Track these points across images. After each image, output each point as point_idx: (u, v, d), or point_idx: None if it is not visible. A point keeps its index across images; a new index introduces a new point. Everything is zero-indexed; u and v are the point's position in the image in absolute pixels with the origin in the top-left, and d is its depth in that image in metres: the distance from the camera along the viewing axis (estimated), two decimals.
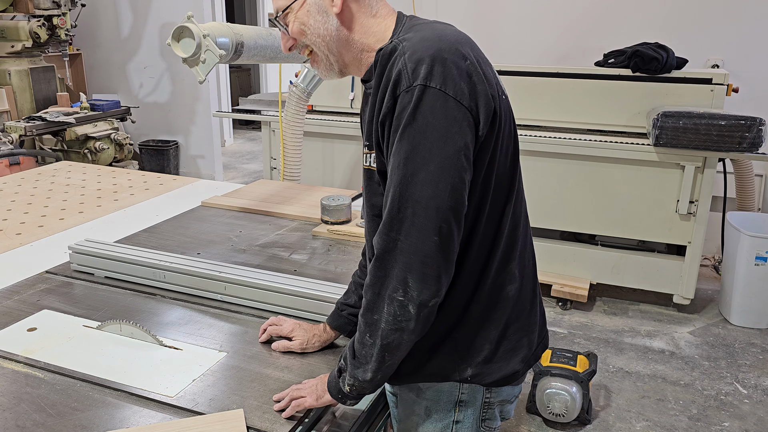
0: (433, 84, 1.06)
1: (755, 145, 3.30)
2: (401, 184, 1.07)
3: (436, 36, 1.12)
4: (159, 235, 2.22)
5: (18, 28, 5.24)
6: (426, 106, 1.06)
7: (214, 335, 1.54)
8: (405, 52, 1.09)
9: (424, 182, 1.06)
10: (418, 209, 1.06)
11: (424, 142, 1.06)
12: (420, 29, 1.16)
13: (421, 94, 1.06)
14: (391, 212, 1.09)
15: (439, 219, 1.06)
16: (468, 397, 1.26)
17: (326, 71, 1.27)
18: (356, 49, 1.23)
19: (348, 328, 1.47)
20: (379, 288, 1.11)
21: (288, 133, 3.32)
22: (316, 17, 1.20)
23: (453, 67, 1.07)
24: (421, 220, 1.06)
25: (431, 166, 1.06)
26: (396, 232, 1.08)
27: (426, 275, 1.07)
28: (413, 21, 1.22)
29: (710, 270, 4.49)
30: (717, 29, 4.30)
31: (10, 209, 2.53)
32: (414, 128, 1.06)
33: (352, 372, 1.17)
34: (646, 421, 2.87)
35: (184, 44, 1.80)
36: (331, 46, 1.22)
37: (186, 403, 1.26)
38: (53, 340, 1.50)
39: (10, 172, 4.15)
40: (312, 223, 2.35)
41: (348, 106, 4.25)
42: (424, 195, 1.06)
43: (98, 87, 6.69)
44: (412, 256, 1.07)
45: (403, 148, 1.07)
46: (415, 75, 1.07)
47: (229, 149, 8.41)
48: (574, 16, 4.59)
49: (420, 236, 1.07)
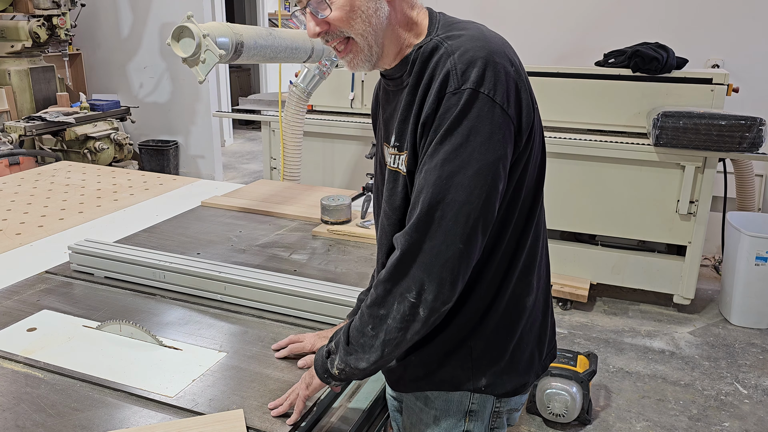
0: (483, 89, 1.03)
1: (755, 145, 3.30)
2: (435, 185, 1.05)
3: (484, 37, 1.09)
4: (159, 235, 2.21)
5: (18, 28, 5.24)
6: (474, 111, 1.03)
7: (214, 335, 1.54)
8: (453, 52, 1.06)
9: (459, 186, 1.04)
10: (448, 212, 1.04)
11: (466, 146, 1.03)
12: (464, 27, 1.12)
13: (469, 98, 1.03)
14: (421, 212, 1.06)
15: (468, 226, 1.04)
16: (478, 407, 1.23)
17: (362, 62, 1.16)
18: (399, 41, 1.15)
19: None
20: (392, 285, 1.09)
21: (288, 133, 3.32)
22: (368, 3, 1.10)
23: (503, 72, 1.05)
24: (449, 224, 1.04)
25: (469, 170, 1.03)
26: (421, 233, 1.06)
27: (444, 280, 1.05)
28: (447, 19, 1.18)
29: (710, 270, 4.49)
30: (717, 29, 4.30)
31: (10, 209, 2.53)
32: (458, 131, 1.04)
33: (343, 357, 1.15)
34: (646, 421, 2.86)
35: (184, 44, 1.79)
36: (378, 35, 1.13)
37: (186, 404, 1.26)
38: (53, 340, 1.50)
39: (10, 172, 4.15)
40: (312, 223, 2.35)
41: (348, 106, 4.25)
42: (458, 199, 1.04)
43: (98, 87, 6.69)
44: (434, 259, 1.05)
45: (443, 149, 1.05)
46: (465, 77, 1.04)
47: (229, 149, 8.41)
48: (574, 16, 4.59)
49: (446, 240, 1.04)
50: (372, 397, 1.36)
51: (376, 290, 1.11)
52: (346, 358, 1.15)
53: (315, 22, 1.13)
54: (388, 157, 1.20)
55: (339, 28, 1.12)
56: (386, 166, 1.21)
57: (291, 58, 2.33)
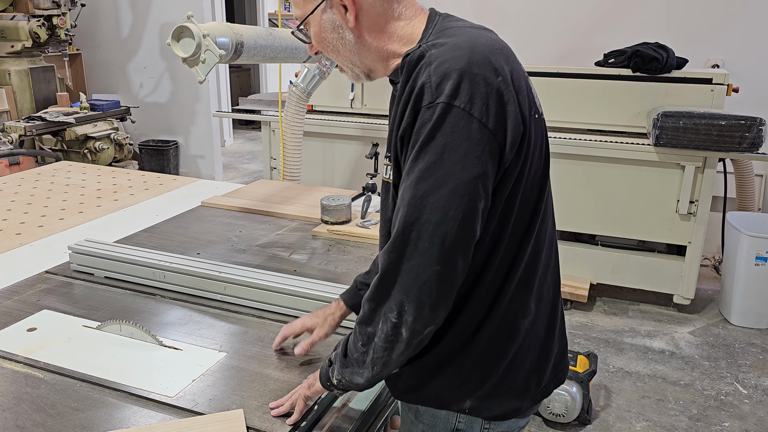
0: (458, 103, 0.98)
1: (755, 145, 3.30)
2: (410, 205, 1.01)
3: (469, 44, 1.04)
4: (159, 235, 2.22)
5: (18, 28, 5.24)
6: (447, 126, 0.98)
7: (214, 335, 1.54)
8: (431, 62, 1.02)
9: (434, 206, 0.99)
10: (424, 233, 1.00)
11: (441, 164, 0.99)
12: (453, 33, 1.08)
13: (443, 113, 0.98)
14: (397, 232, 1.03)
15: (444, 248, 1.00)
16: (465, 426, 1.20)
17: (354, 78, 1.23)
18: (380, 56, 1.16)
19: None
20: (376, 304, 1.07)
21: (288, 133, 3.32)
22: (331, 33, 1.15)
23: (482, 84, 1.00)
24: (425, 245, 1.00)
25: (444, 190, 0.99)
26: (399, 253, 1.03)
27: (422, 303, 1.02)
28: (446, 22, 1.13)
29: (710, 270, 4.49)
30: (717, 29, 4.30)
31: (10, 209, 2.53)
32: (432, 148, 0.99)
33: (340, 370, 1.15)
34: (646, 421, 2.86)
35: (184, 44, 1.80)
36: (352, 58, 1.17)
37: (186, 404, 1.26)
38: (53, 340, 1.50)
39: (10, 172, 4.15)
40: (312, 223, 2.35)
41: (348, 106, 4.25)
42: (432, 219, 1.00)
43: (98, 87, 6.69)
44: (412, 281, 1.02)
45: (417, 166, 1.01)
46: (439, 90, 0.99)
47: (229, 149, 8.41)
48: (574, 16, 4.59)
49: (422, 262, 1.01)
50: (372, 397, 1.36)
51: (363, 307, 1.10)
52: (342, 371, 1.14)
53: (309, 46, 1.21)
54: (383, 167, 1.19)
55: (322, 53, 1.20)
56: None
57: (291, 58, 2.33)
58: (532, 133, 1.07)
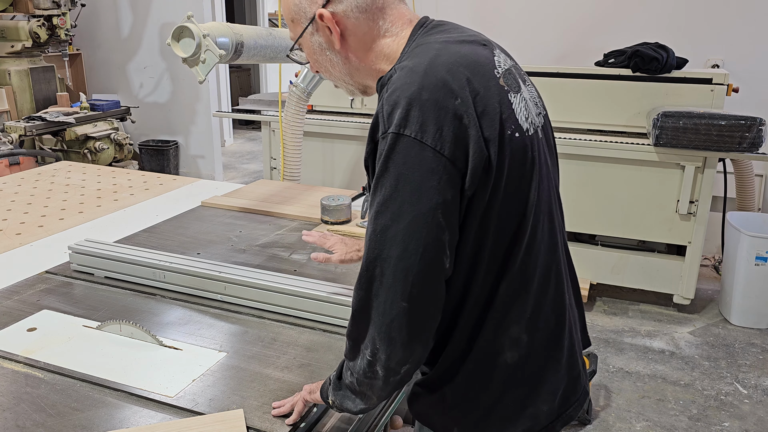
0: (408, 132, 0.94)
1: (755, 145, 3.30)
2: (371, 240, 0.98)
3: (425, 66, 0.98)
4: (159, 235, 2.22)
5: (18, 28, 5.24)
6: (398, 157, 0.94)
7: (214, 335, 1.54)
8: (387, 89, 0.99)
9: (393, 240, 0.95)
10: (386, 269, 0.96)
11: (396, 196, 0.95)
12: (419, 53, 1.03)
13: (393, 143, 0.95)
14: (362, 268, 1.00)
15: (408, 283, 0.95)
16: None
17: (350, 94, 1.24)
18: (371, 74, 1.14)
19: None
20: (353, 341, 1.05)
21: (288, 133, 3.32)
22: (320, 55, 1.14)
23: (434, 108, 0.94)
24: (389, 280, 0.96)
25: (401, 223, 0.95)
26: (365, 290, 1.00)
27: (393, 340, 0.98)
28: (424, 37, 1.08)
29: (710, 270, 4.49)
30: (717, 29, 4.30)
31: (10, 209, 2.53)
32: (386, 180, 0.95)
33: (334, 392, 1.13)
34: (646, 421, 2.86)
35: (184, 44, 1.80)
36: (344, 77, 1.17)
37: (186, 403, 1.26)
38: (53, 340, 1.50)
39: (10, 172, 4.15)
40: (312, 223, 2.35)
41: (348, 106, 4.25)
42: (393, 254, 0.95)
43: (98, 87, 6.70)
44: (381, 318, 0.98)
45: (376, 200, 0.98)
46: (390, 120, 0.96)
47: (229, 149, 8.41)
48: (574, 16, 4.59)
49: (387, 299, 0.97)
50: None
51: (347, 341, 1.08)
52: (335, 394, 1.12)
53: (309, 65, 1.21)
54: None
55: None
56: None
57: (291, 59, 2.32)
58: (506, 155, 1.00)
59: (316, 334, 1.56)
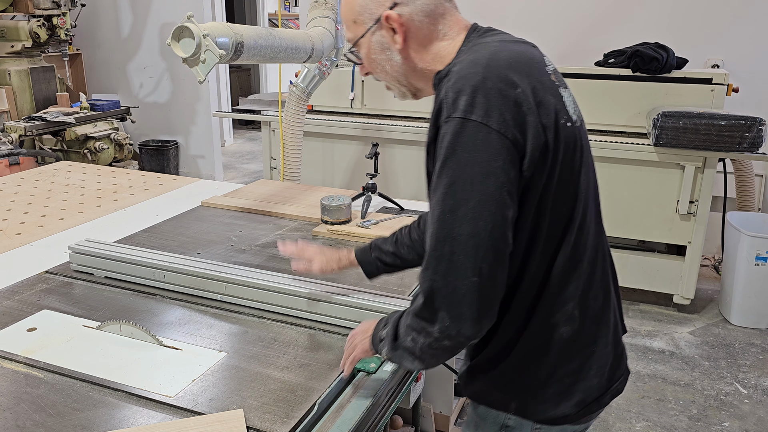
0: (474, 116, 1.01)
1: (755, 145, 3.30)
2: (440, 220, 1.03)
3: (486, 60, 1.07)
4: (159, 235, 2.22)
5: (18, 28, 5.24)
6: (466, 139, 1.01)
7: (214, 335, 1.54)
8: (450, 79, 1.06)
9: (463, 219, 1.01)
10: (457, 247, 1.01)
11: (464, 177, 1.01)
12: (477, 50, 1.12)
13: (460, 127, 1.01)
14: (430, 249, 1.05)
15: (478, 259, 1.01)
16: (515, 424, 1.22)
17: (401, 96, 1.29)
18: (425, 76, 1.21)
19: (369, 268, 1.52)
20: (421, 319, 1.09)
21: (288, 133, 3.32)
22: (380, 55, 1.21)
23: (497, 96, 1.02)
24: (459, 258, 1.01)
25: (471, 202, 1.01)
26: (434, 270, 1.04)
27: (463, 316, 1.03)
28: (479, 39, 1.17)
29: (710, 270, 4.49)
30: (717, 29, 4.30)
31: (10, 209, 2.53)
32: (453, 162, 1.02)
33: (390, 351, 1.19)
34: (646, 421, 2.86)
35: (184, 44, 1.79)
36: (399, 78, 1.23)
37: (186, 403, 1.26)
38: (53, 340, 1.50)
39: (10, 172, 4.15)
40: (312, 223, 2.35)
41: (348, 106, 4.25)
42: (463, 232, 1.01)
43: (98, 87, 6.70)
44: (451, 295, 1.03)
45: (442, 182, 1.03)
46: (455, 106, 1.03)
47: (229, 149, 8.41)
48: (574, 16, 4.59)
49: (458, 276, 1.02)
50: (372, 397, 1.35)
51: (408, 317, 1.13)
52: (392, 353, 1.19)
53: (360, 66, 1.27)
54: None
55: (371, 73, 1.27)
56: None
57: (291, 58, 2.33)
58: (561, 141, 1.08)
59: (316, 334, 1.56)
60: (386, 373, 1.40)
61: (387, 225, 2.26)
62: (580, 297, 1.16)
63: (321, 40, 2.58)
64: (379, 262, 1.51)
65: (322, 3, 2.88)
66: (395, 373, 1.43)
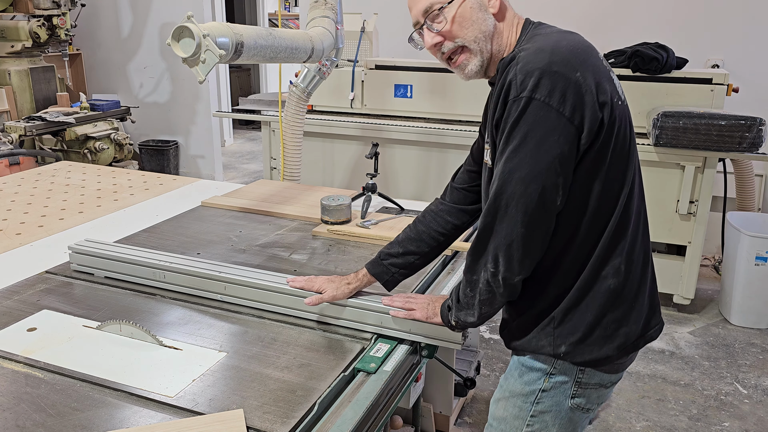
0: (538, 96, 1.19)
1: (755, 145, 3.30)
2: (500, 178, 1.24)
3: (550, 47, 1.24)
4: (159, 235, 2.22)
5: (18, 28, 5.24)
6: (529, 116, 1.20)
7: (214, 335, 1.54)
8: (518, 63, 1.23)
9: (518, 181, 1.22)
10: (510, 203, 1.23)
11: (524, 147, 1.21)
12: (539, 40, 1.29)
13: (525, 105, 1.20)
14: (491, 199, 1.26)
15: (526, 215, 1.22)
16: (558, 371, 1.38)
17: (475, 66, 1.37)
18: (500, 49, 1.37)
19: (385, 277, 1.60)
20: (478, 256, 1.31)
21: (288, 133, 3.32)
22: (478, 14, 1.33)
23: (560, 79, 1.19)
24: (512, 211, 1.23)
25: (526, 168, 1.21)
26: (492, 217, 1.26)
27: (512, 257, 1.26)
28: (537, 30, 1.36)
29: (710, 270, 4.49)
30: (717, 29, 4.30)
31: (10, 209, 2.53)
32: (518, 133, 1.21)
33: (456, 313, 1.40)
34: (646, 421, 2.87)
35: (184, 44, 1.79)
36: (487, 41, 1.35)
37: (186, 403, 1.26)
38: (53, 340, 1.50)
39: (10, 172, 4.15)
40: (312, 223, 2.35)
41: (348, 106, 4.25)
42: (516, 192, 1.22)
43: (98, 87, 6.70)
44: (502, 239, 1.25)
45: (508, 148, 1.23)
46: (523, 86, 1.20)
47: (229, 149, 8.41)
48: (574, 16, 4.59)
49: (509, 225, 1.24)
50: (372, 397, 1.36)
51: (468, 258, 1.34)
52: (457, 314, 1.39)
53: (431, 35, 1.36)
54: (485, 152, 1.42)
55: (455, 37, 1.34)
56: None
57: (291, 58, 2.33)
58: (616, 117, 1.25)
59: (316, 334, 1.56)
60: (386, 373, 1.40)
61: (387, 225, 2.26)
62: (627, 254, 1.33)
63: (321, 40, 2.58)
64: (393, 267, 1.59)
65: (322, 3, 2.88)
66: (395, 373, 1.43)
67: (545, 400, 1.40)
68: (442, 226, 1.60)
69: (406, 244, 1.59)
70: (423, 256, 1.60)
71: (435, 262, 1.90)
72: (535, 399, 1.41)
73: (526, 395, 1.41)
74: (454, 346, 1.50)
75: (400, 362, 1.46)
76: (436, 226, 1.60)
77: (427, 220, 1.61)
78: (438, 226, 1.60)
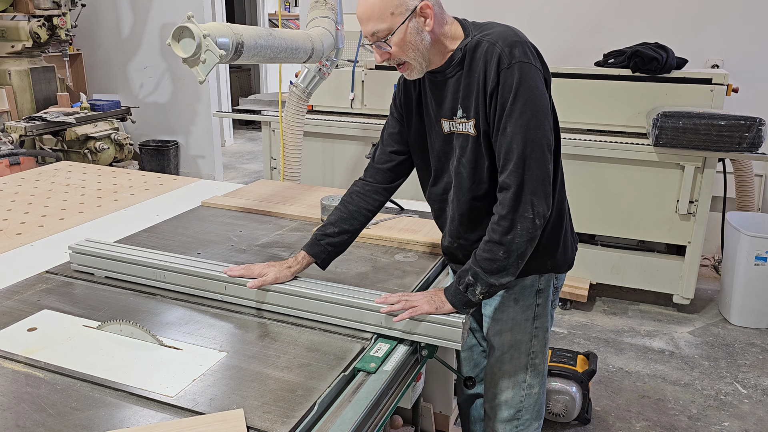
0: (526, 60, 1.49)
1: (755, 145, 3.30)
2: (523, 131, 1.47)
3: (508, 28, 1.56)
4: (159, 235, 2.22)
5: (18, 28, 5.24)
6: (527, 76, 1.48)
7: (214, 335, 1.54)
8: (496, 41, 1.51)
9: (536, 126, 1.48)
10: (536, 147, 1.48)
11: (531, 100, 1.47)
12: (489, 27, 1.58)
13: (521, 68, 1.48)
14: (516, 154, 1.48)
15: (548, 151, 1.50)
16: (544, 285, 1.73)
17: (416, 74, 1.60)
18: (440, 51, 1.57)
19: (322, 256, 1.73)
20: (513, 214, 1.49)
21: (288, 133, 3.33)
22: (416, 37, 1.52)
23: (530, 48, 1.52)
24: (538, 154, 1.48)
25: (538, 114, 1.48)
26: (522, 168, 1.48)
27: (546, 195, 1.50)
28: (475, 24, 1.61)
29: (710, 270, 4.49)
30: (717, 29, 4.30)
31: (11, 209, 2.53)
32: (523, 91, 1.47)
33: (486, 282, 1.51)
34: (646, 421, 2.87)
35: (185, 44, 1.80)
36: (425, 55, 1.55)
37: (186, 403, 1.27)
38: (53, 340, 1.50)
39: (11, 172, 4.15)
40: (312, 223, 2.35)
41: (348, 106, 4.25)
42: (537, 136, 1.48)
43: (98, 87, 6.70)
44: (536, 182, 1.48)
45: (518, 106, 1.47)
46: (512, 55, 1.48)
47: (229, 149, 8.41)
48: (574, 16, 4.59)
49: (539, 166, 1.48)
50: (372, 396, 1.36)
51: (501, 225, 1.50)
52: (489, 281, 1.51)
53: (379, 53, 1.56)
54: (451, 126, 1.61)
55: (398, 57, 1.55)
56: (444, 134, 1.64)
57: (291, 59, 2.33)
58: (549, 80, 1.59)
59: (316, 334, 1.56)
60: (386, 373, 1.41)
61: (387, 225, 2.26)
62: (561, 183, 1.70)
63: (321, 40, 2.58)
64: (329, 247, 1.74)
65: (322, 3, 2.89)
66: (395, 373, 1.44)
67: (539, 312, 1.74)
68: (370, 204, 1.79)
69: (341, 224, 1.75)
70: (353, 234, 1.78)
71: (435, 263, 1.96)
72: (533, 315, 1.73)
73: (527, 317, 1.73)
74: (454, 346, 1.51)
75: (400, 362, 1.46)
76: (366, 204, 1.78)
77: (356, 200, 1.78)
78: (367, 204, 1.78)
